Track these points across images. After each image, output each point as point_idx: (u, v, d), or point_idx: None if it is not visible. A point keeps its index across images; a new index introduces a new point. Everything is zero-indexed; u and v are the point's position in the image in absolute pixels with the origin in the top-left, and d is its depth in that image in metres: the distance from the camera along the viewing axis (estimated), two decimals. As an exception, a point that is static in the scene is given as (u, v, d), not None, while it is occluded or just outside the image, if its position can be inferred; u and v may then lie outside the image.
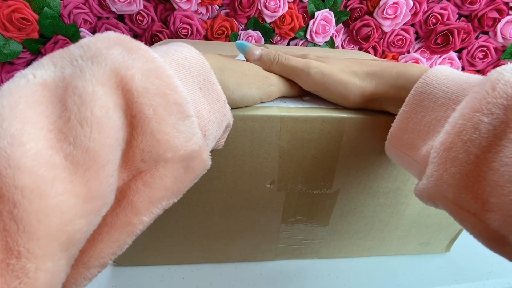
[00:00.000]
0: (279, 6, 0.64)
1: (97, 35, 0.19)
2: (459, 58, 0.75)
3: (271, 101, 0.30)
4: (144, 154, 0.18)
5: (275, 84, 0.29)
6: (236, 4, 0.64)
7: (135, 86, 0.17)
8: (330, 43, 0.72)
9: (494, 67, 0.75)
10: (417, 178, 0.24)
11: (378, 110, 0.29)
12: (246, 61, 0.30)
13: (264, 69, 0.29)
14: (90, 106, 0.16)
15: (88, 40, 0.18)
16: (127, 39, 0.19)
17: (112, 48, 0.18)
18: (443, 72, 0.24)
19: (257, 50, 0.29)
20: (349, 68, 0.28)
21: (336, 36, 0.71)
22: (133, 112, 0.17)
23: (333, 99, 0.29)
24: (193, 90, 0.21)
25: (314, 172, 0.31)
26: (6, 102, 0.15)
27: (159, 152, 0.18)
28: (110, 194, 0.17)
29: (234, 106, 0.26)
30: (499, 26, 0.70)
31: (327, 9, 0.67)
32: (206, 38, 0.68)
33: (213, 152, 0.28)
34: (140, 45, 0.19)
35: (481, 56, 0.74)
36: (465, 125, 0.19)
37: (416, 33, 0.73)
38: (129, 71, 0.17)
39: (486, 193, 0.18)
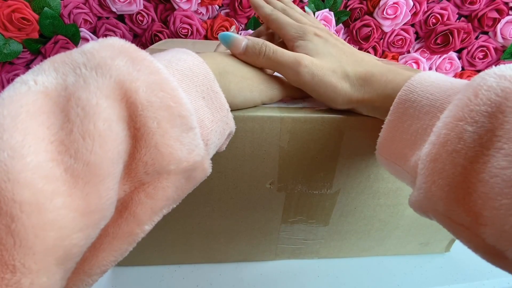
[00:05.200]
0: (279, 6, 0.64)
1: (101, 41, 0.18)
2: (459, 58, 0.75)
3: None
4: (148, 166, 0.18)
5: (277, 87, 0.28)
6: (236, 4, 0.64)
7: (140, 99, 0.17)
8: (330, 43, 0.72)
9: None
10: (410, 187, 0.23)
11: None
12: (231, 55, 0.28)
13: (251, 64, 0.28)
14: (93, 119, 0.15)
15: (91, 47, 0.17)
16: (132, 48, 0.19)
17: (116, 58, 0.17)
18: (427, 78, 0.22)
19: (243, 42, 0.27)
20: (341, 69, 0.27)
21: (336, 36, 0.71)
22: (137, 125, 0.17)
23: (320, 100, 0.28)
24: (196, 100, 0.21)
25: (314, 172, 0.31)
26: (7, 112, 0.14)
27: (162, 165, 0.18)
28: (110, 207, 0.17)
29: (235, 109, 0.26)
30: (499, 26, 0.70)
31: (327, 9, 0.67)
32: (206, 38, 0.68)
33: (213, 152, 0.28)
34: (145, 55, 0.19)
35: (481, 56, 0.74)
36: (449, 135, 0.18)
37: (416, 33, 0.73)
38: (133, 84, 0.17)
39: (478, 206, 0.17)
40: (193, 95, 0.21)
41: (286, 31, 0.30)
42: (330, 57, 0.27)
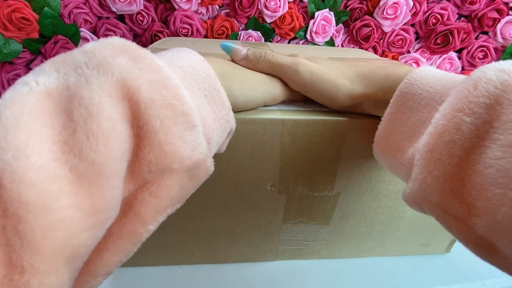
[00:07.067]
0: (279, 6, 0.64)
1: (102, 40, 0.18)
2: (459, 58, 0.75)
3: (275, 104, 0.30)
4: (151, 165, 0.18)
5: (280, 87, 0.28)
6: (236, 4, 0.64)
7: (142, 97, 0.17)
8: (330, 43, 0.72)
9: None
10: (405, 182, 0.23)
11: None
12: (232, 61, 0.29)
13: (251, 68, 0.28)
14: (97, 118, 0.15)
15: (93, 46, 0.17)
16: (133, 46, 0.19)
17: (118, 56, 0.17)
18: (428, 72, 0.23)
19: (244, 49, 0.28)
20: (338, 69, 0.27)
21: (336, 36, 0.71)
22: (140, 123, 0.17)
23: (321, 100, 0.28)
24: (199, 98, 0.21)
25: (316, 174, 0.32)
26: (10, 113, 0.14)
27: (166, 163, 0.18)
28: (115, 206, 0.17)
29: (238, 110, 0.26)
30: (499, 26, 0.70)
31: (327, 9, 0.67)
32: (206, 38, 0.67)
33: (215, 154, 0.28)
34: (146, 53, 0.19)
35: (481, 56, 0.74)
36: (447, 125, 0.18)
37: (416, 33, 0.73)
38: (136, 82, 0.17)
39: (472, 197, 0.17)
40: (195, 92, 0.21)
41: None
42: (327, 62, 0.28)
